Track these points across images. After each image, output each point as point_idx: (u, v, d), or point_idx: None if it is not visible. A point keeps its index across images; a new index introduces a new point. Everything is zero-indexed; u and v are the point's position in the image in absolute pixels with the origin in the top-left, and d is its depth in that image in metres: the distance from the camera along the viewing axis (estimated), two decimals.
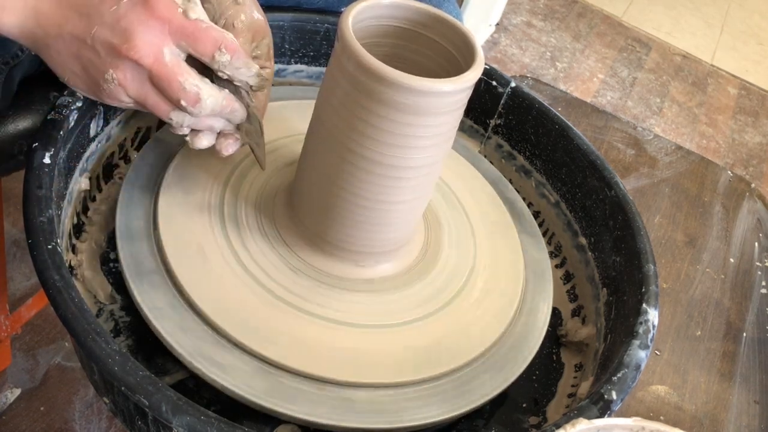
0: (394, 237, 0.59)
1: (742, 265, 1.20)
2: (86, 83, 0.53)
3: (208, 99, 0.53)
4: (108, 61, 0.51)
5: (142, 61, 0.51)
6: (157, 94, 0.52)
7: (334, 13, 0.75)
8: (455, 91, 0.51)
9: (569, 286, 0.70)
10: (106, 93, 0.53)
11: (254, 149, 0.59)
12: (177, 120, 0.54)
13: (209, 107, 0.53)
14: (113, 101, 0.54)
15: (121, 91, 0.52)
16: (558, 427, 0.45)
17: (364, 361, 0.54)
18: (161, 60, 0.51)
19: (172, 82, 0.51)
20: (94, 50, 0.51)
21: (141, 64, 0.51)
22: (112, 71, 0.51)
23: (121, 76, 0.51)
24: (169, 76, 0.51)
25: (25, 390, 1.11)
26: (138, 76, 0.52)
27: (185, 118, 0.54)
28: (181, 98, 0.52)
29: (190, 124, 0.55)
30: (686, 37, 2.75)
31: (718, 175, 1.34)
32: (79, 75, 0.53)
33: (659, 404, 0.99)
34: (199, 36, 0.51)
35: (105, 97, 0.53)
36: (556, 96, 1.33)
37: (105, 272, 0.60)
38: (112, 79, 0.51)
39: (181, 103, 0.52)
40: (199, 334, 0.52)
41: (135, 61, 0.50)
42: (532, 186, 0.75)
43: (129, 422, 0.50)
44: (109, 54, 0.51)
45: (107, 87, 0.52)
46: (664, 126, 2.27)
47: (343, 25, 0.51)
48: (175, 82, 0.51)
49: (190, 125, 0.55)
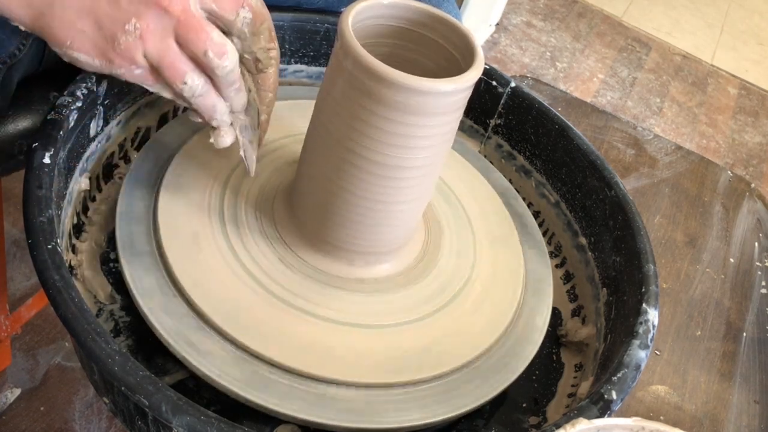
0: (393, 237, 0.59)
1: (742, 265, 1.20)
2: (96, 42, 0.51)
3: (233, 52, 0.52)
4: (131, 10, 0.49)
5: (171, 8, 0.49)
6: (176, 51, 0.51)
7: (334, 13, 0.75)
8: (455, 91, 0.51)
9: (569, 286, 0.70)
10: (120, 50, 0.50)
11: (245, 149, 0.58)
12: (191, 84, 0.52)
13: (232, 63, 0.52)
14: (124, 62, 0.51)
15: (138, 47, 0.50)
16: (558, 427, 0.45)
17: (362, 361, 0.54)
18: (189, 10, 0.50)
19: (200, 32, 0.50)
20: (114, 2, 0.49)
21: (169, 11, 0.49)
22: (135, 20, 0.49)
23: (144, 25, 0.49)
24: (197, 26, 0.50)
25: (25, 390, 1.11)
26: (161, 27, 0.50)
27: (199, 85, 0.52)
28: (208, 48, 0.51)
29: (202, 93, 0.53)
30: (686, 37, 2.75)
31: (718, 175, 1.34)
32: (88, 33, 0.50)
33: (659, 404, 0.99)
34: None
35: (116, 58, 0.51)
36: (556, 96, 1.33)
37: (105, 272, 0.60)
38: (134, 29, 0.49)
39: (208, 55, 0.51)
40: (199, 336, 0.52)
41: (164, 8, 0.49)
42: (532, 186, 0.75)
43: (129, 422, 0.50)
44: (133, 2, 0.49)
45: (125, 40, 0.50)
46: (664, 126, 2.27)
47: (343, 25, 0.51)
48: (203, 32, 0.50)
49: (201, 94, 0.53)
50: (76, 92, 0.57)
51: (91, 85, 0.58)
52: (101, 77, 0.59)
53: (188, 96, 0.53)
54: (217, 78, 0.53)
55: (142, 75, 0.52)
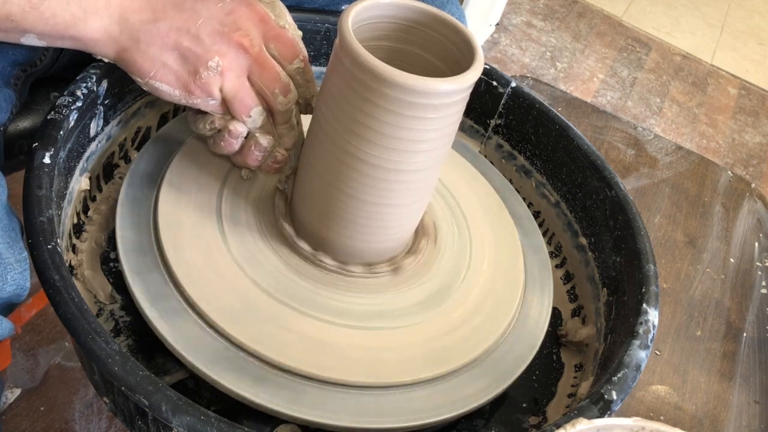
0: (393, 238, 0.59)
1: (742, 265, 1.19)
2: (178, 75, 0.54)
3: (294, 93, 0.57)
4: (214, 49, 0.53)
5: (251, 49, 0.54)
6: (248, 88, 0.56)
7: (334, 13, 0.75)
8: (455, 91, 0.51)
9: (569, 286, 0.70)
10: (200, 84, 0.54)
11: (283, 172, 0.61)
12: (255, 117, 0.56)
13: (292, 101, 0.57)
14: (201, 95, 0.55)
15: (217, 82, 0.54)
16: (558, 427, 0.45)
17: (362, 361, 0.54)
18: (263, 51, 0.55)
19: (271, 70, 0.55)
20: (198, 39, 0.53)
21: (248, 51, 0.54)
22: (218, 58, 0.53)
23: (226, 63, 0.54)
24: (269, 65, 0.55)
25: (25, 390, 1.11)
26: (239, 66, 0.54)
27: (262, 118, 0.57)
28: (276, 87, 0.55)
29: (262, 125, 0.57)
30: (686, 37, 2.75)
31: (718, 175, 1.34)
32: (171, 67, 0.54)
33: (659, 404, 0.99)
34: (287, 41, 0.56)
35: (195, 90, 0.54)
36: (556, 96, 1.33)
37: (105, 272, 0.60)
38: (216, 66, 0.53)
39: (276, 93, 0.56)
40: (199, 336, 0.52)
41: (244, 48, 0.54)
42: (532, 186, 0.75)
43: (129, 422, 0.50)
44: (216, 42, 0.53)
45: (206, 75, 0.54)
46: (664, 126, 2.27)
47: (343, 24, 0.51)
48: (273, 71, 0.55)
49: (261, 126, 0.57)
50: (76, 92, 0.57)
51: (91, 85, 0.58)
52: (101, 76, 0.59)
53: (251, 127, 0.57)
54: (277, 114, 0.57)
55: (214, 106, 0.56)
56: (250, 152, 0.58)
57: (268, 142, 0.58)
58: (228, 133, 0.57)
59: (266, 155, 0.59)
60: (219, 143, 0.58)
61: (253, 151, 0.58)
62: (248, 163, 0.59)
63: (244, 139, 0.58)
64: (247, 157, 0.59)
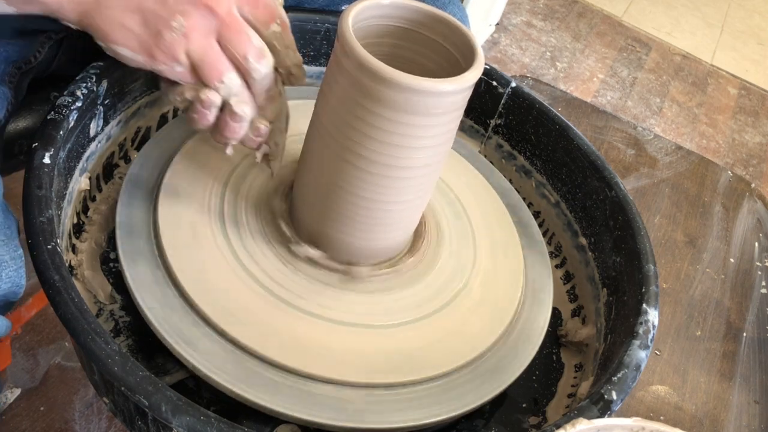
0: (393, 237, 0.59)
1: (742, 265, 1.19)
2: (141, 39, 0.51)
3: (269, 58, 0.53)
4: (178, 9, 0.51)
5: (217, 9, 0.51)
6: (218, 51, 0.52)
7: (334, 13, 0.75)
8: (455, 91, 0.51)
9: (569, 286, 0.70)
10: (164, 47, 0.51)
11: (271, 151, 0.58)
12: (228, 84, 0.53)
13: (268, 67, 0.53)
14: (166, 59, 0.52)
15: (181, 44, 0.51)
16: (558, 427, 0.45)
17: (362, 360, 0.54)
18: (232, 12, 0.52)
19: (241, 34, 0.52)
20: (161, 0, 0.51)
21: (215, 12, 0.51)
22: (181, 18, 0.50)
23: (190, 24, 0.51)
24: (238, 28, 0.52)
25: (25, 390, 1.11)
26: (206, 27, 0.51)
27: (236, 85, 0.53)
28: (247, 51, 0.52)
29: (237, 94, 0.54)
30: (686, 37, 2.75)
31: (718, 175, 1.34)
32: (134, 30, 0.51)
33: (659, 404, 0.99)
34: (262, 3, 0.53)
35: (159, 54, 0.52)
36: (556, 96, 1.33)
37: (105, 272, 0.60)
38: (180, 27, 0.51)
39: (247, 58, 0.52)
40: (199, 336, 0.52)
41: (210, 8, 0.51)
42: (532, 186, 0.75)
43: (129, 422, 0.50)
44: (180, 2, 0.50)
45: (170, 37, 0.51)
46: (664, 126, 2.27)
47: (343, 24, 0.51)
48: (244, 35, 0.52)
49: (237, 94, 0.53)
50: (76, 92, 0.57)
51: (91, 85, 0.58)
52: (101, 76, 0.59)
53: (225, 95, 0.53)
54: (253, 81, 0.54)
55: (182, 73, 0.53)
56: (227, 124, 0.55)
57: (244, 112, 0.54)
58: (200, 103, 0.53)
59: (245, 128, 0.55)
60: (193, 116, 0.55)
61: (229, 122, 0.54)
62: (227, 137, 0.55)
63: (220, 111, 0.55)
64: (224, 130, 0.55)
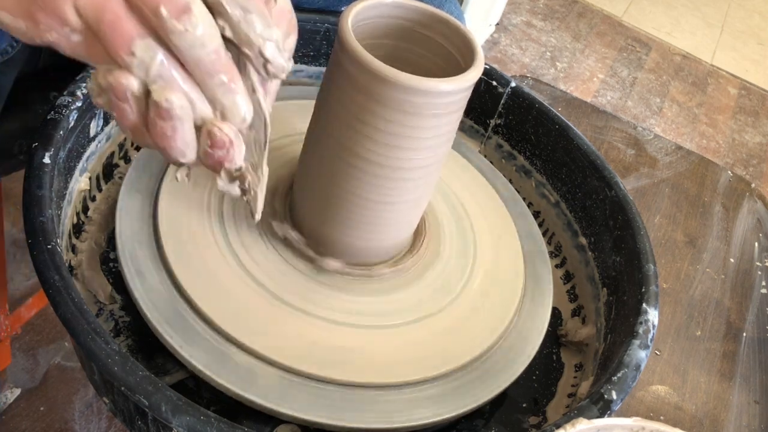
0: (393, 237, 0.59)
1: (742, 265, 1.19)
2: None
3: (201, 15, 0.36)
4: None
5: None
6: (121, 4, 0.36)
7: (334, 13, 0.75)
8: (455, 91, 0.51)
9: (569, 286, 0.70)
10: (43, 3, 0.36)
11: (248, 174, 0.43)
12: (142, 56, 0.36)
13: (199, 31, 0.36)
14: (52, 22, 0.36)
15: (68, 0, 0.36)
16: (558, 427, 0.45)
17: (362, 361, 0.54)
18: None
19: None
20: None
21: None
22: None
23: None
24: None
25: (25, 390, 1.11)
26: None
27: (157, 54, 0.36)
28: (161, 3, 0.35)
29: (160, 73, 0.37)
30: (686, 37, 2.75)
31: (718, 175, 1.34)
32: None
33: (659, 404, 0.99)
34: None
35: (41, 16, 0.36)
36: (556, 96, 1.33)
37: (105, 272, 0.60)
38: None
39: (159, 11, 0.35)
40: (199, 336, 0.52)
41: None
42: (532, 186, 0.75)
43: (129, 422, 0.50)
44: None
45: None
46: (664, 126, 2.27)
47: (342, 24, 0.51)
48: None
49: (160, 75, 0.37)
50: (76, 92, 0.57)
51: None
52: None
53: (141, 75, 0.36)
54: (181, 54, 0.37)
55: (81, 44, 0.37)
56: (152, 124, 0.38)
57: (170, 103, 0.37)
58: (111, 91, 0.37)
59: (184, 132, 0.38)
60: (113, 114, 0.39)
61: (154, 120, 0.38)
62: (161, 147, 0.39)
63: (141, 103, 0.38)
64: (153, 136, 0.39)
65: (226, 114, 0.40)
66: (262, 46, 0.38)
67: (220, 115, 0.40)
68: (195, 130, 0.40)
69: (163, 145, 0.39)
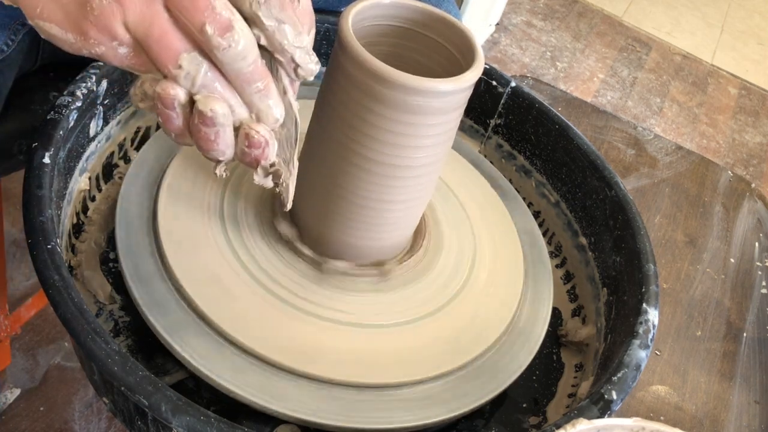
0: (393, 237, 0.59)
1: (743, 265, 1.19)
2: (67, 10, 0.39)
3: (243, 30, 0.39)
4: None
5: None
6: (166, 21, 0.39)
7: (334, 13, 0.75)
8: (455, 91, 0.51)
9: (569, 286, 0.70)
10: (95, 19, 0.38)
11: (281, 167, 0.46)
12: (188, 68, 0.40)
13: (241, 45, 0.39)
14: (101, 36, 0.39)
15: (117, 14, 0.38)
16: (558, 427, 0.45)
17: (362, 361, 0.54)
18: None
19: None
20: None
21: None
22: None
23: None
24: None
25: (24, 390, 1.11)
26: None
27: (201, 67, 0.40)
28: (206, 20, 0.38)
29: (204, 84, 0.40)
30: (686, 37, 2.75)
31: (719, 175, 1.33)
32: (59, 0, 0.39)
33: (659, 404, 0.99)
34: None
35: (90, 29, 0.39)
36: (556, 96, 1.33)
37: (105, 272, 0.60)
38: None
39: (205, 29, 0.38)
40: (199, 336, 0.52)
41: None
42: (532, 186, 0.75)
43: (129, 422, 0.50)
44: None
45: (99, 4, 0.38)
46: (664, 126, 2.27)
47: (342, 24, 0.51)
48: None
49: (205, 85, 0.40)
50: (76, 92, 0.57)
51: (91, 84, 0.58)
52: (101, 76, 0.59)
53: (186, 85, 0.40)
54: (223, 66, 0.40)
55: (128, 57, 0.40)
56: (198, 130, 0.42)
57: (214, 112, 0.41)
58: (159, 100, 0.41)
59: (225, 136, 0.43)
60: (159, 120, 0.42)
61: (198, 126, 0.41)
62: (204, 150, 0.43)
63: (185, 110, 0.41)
64: (197, 140, 0.42)
65: (261, 116, 0.43)
66: (294, 53, 0.41)
67: (255, 117, 0.43)
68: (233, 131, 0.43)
69: (206, 148, 0.43)
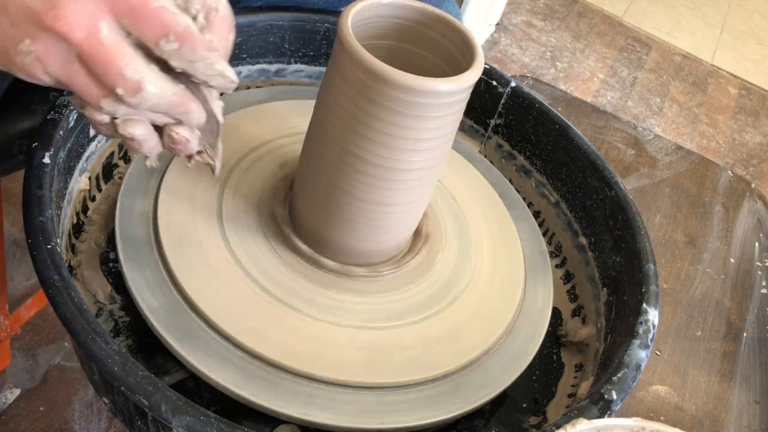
0: (393, 238, 0.59)
1: (742, 265, 1.19)
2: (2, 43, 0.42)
3: (153, 90, 0.43)
4: (24, 30, 0.41)
5: (72, 36, 0.41)
6: (87, 75, 0.42)
7: (334, 13, 0.75)
8: (455, 91, 0.51)
9: (569, 286, 0.70)
10: (19, 67, 0.42)
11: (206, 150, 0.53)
12: (109, 109, 0.44)
13: (153, 100, 0.44)
14: (28, 77, 0.43)
15: (38, 68, 0.42)
16: (558, 427, 0.45)
17: (361, 361, 0.54)
18: (96, 36, 0.41)
19: (109, 66, 0.42)
20: (6, 12, 0.41)
21: (69, 39, 0.41)
22: (29, 41, 0.41)
23: (41, 49, 0.41)
24: (105, 58, 0.41)
25: (24, 390, 1.11)
26: (63, 52, 0.42)
27: (119, 108, 0.44)
28: (117, 85, 0.42)
29: (126, 115, 0.45)
30: (686, 37, 2.75)
31: (719, 175, 1.33)
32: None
33: (659, 404, 0.99)
34: (146, 15, 0.42)
35: (18, 72, 0.43)
36: (556, 96, 1.33)
37: (105, 272, 0.60)
38: (28, 52, 0.41)
39: (117, 91, 0.42)
40: (199, 336, 0.52)
41: (62, 34, 0.40)
42: (532, 186, 0.75)
43: (129, 422, 0.50)
44: (26, 20, 0.41)
45: (20, 60, 0.42)
46: (664, 126, 2.27)
47: (342, 24, 0.50)
48: (113, 65, 0.42)
49: (125, 115, 0.45)
50: None
51: None
52: None
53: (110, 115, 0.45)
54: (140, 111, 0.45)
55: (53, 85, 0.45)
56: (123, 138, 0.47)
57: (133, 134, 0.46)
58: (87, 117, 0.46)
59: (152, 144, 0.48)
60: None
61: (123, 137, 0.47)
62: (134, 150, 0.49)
63: None
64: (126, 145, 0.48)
65: (184, 122, 0.48)
66: (208, 80, 0.46)
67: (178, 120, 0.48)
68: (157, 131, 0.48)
69: (135, 150, 0.49)
